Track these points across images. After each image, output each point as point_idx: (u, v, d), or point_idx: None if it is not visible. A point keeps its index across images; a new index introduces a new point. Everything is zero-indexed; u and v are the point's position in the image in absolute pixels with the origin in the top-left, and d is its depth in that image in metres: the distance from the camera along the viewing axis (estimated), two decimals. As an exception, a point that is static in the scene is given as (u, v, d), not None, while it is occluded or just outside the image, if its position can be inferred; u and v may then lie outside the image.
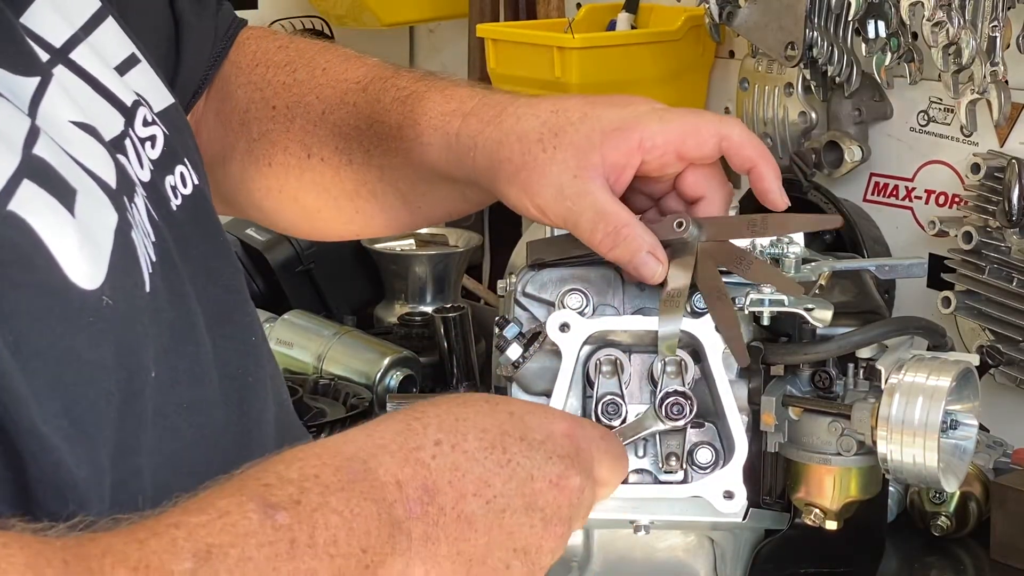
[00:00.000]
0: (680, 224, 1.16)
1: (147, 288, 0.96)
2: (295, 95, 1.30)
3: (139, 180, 1.02)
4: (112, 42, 1.09)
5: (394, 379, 2.23)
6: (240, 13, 1.34)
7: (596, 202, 1.11)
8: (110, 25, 1.09)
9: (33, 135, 0.92)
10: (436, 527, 0.92)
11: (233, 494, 0.86)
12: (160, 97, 1.13)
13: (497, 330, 1.18)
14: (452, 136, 1.17)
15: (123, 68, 1.09)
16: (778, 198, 1.16)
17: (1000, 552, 1.75)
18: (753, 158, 1.14)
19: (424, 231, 2.66)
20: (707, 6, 2.15)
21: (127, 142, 1.03)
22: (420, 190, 1.26)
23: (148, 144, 1.06)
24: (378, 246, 2.56)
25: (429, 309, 2.42)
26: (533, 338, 1.17)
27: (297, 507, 0.86)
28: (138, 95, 1.07)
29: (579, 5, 2.48)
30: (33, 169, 0.90)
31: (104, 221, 0.94)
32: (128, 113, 1.04)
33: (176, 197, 1.07)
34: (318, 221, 1.35)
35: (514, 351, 1.17)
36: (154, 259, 0.98)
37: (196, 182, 1.10)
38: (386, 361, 2.24)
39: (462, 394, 1.02)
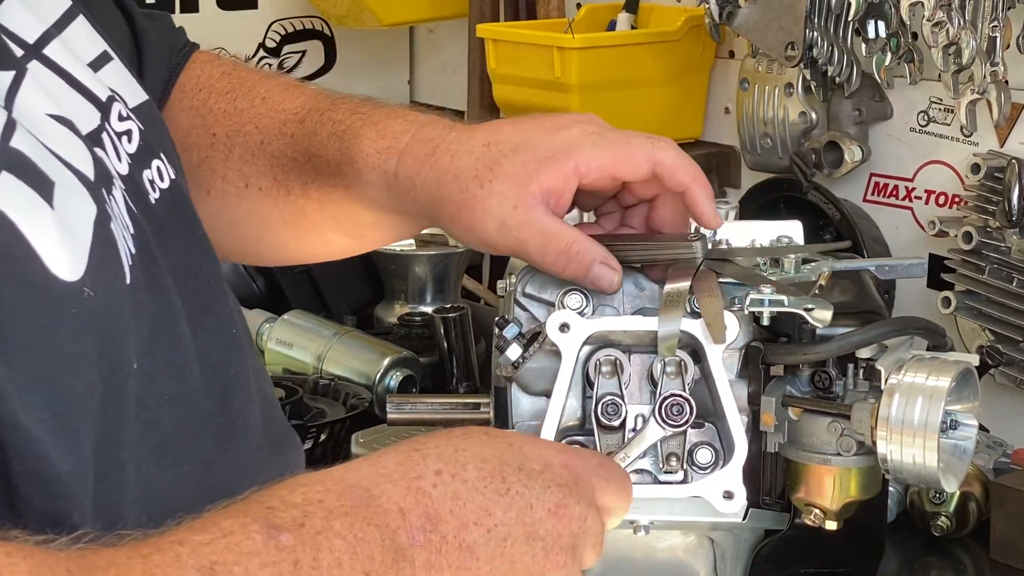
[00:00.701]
0: (694, 235, 1.18)
1: (127, 280, 0.96)
2: (235, 124, 1.30)
3: (117, 173, 1.02)
4: (84, 39, 1.10)
5: (394, 379, 2.23)
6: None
7: (541, 227, 1.12)
8: (81, 23, 1.10)
9: (10, 128, 0.92)
10: (439, 555, 0.92)
11: (237, 515, 0.86)
12: (134, 94, 1.13)
13: (497, 330, 1.18)
14: (391, 176, 1.18)
15: (96, 64, 1.09)
16: (712, 220, 1.17)
17: (1000, 552, 1.75)
18: (685, 182, 1.15)
19: (424, 231, 2.66)
20: (707, 6, 2.15)
21: (104, 136, 1.04)
22: (363, 221, 1.26)
23: (125, 138, 1.06)
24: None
25: (429, 309, 2.42)
26: (533, 338, 1.17)
27: (301, 529, 0.87)
28: (112, 91, 1.08)
29: (579, 5, 2.48)
30: (11, 161, 0.90)
31: (83, 213, 0.94)
32: (103, 107, 1.05)
33: (154, 191, 1.08)
34: (259, 249, 1.36)
35: (514, 351, 1.17)
36: (133, 251, 0.99)
37: (173, 176, 1.11)
38: (386, 361, 2.24)
39: (462, 427, 1.02)
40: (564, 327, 1.14)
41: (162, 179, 1.09)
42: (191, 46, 1.36)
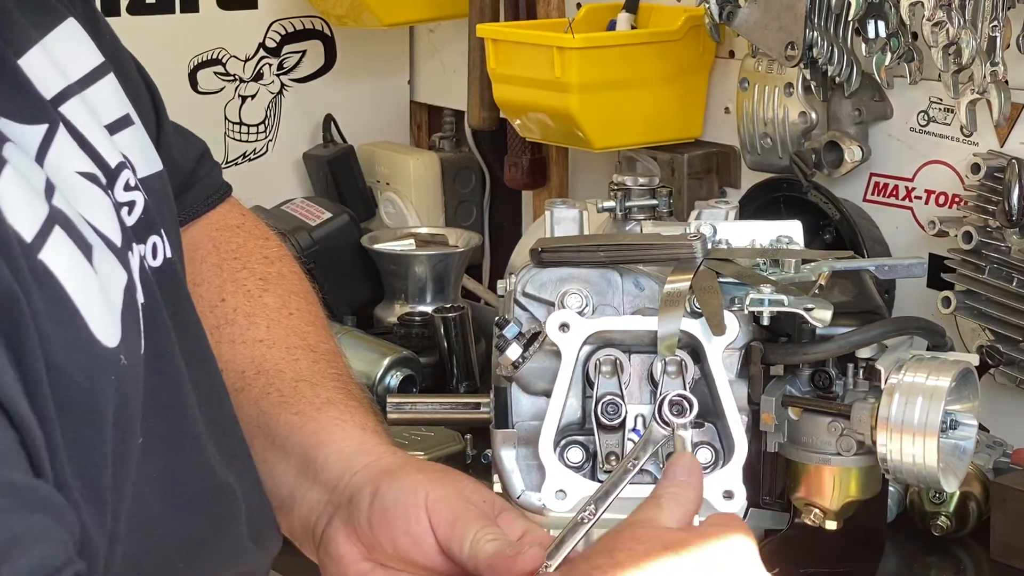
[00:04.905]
0: (694, 235, 1.18)
1: (142, 350, 0.95)
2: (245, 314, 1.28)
3: None
4: (109, 99, 1.07)
5: (394, 379, 2.23)
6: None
7: None
8: (109, 82, 1.07)
9: (50, 189, 0.90)
10: None
11: None
12: (147, 163, 1.10)
13: (497, 330, 1.18)
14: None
15: (114, 128, 1.07)
16: None
17: (1000, 552, 1.75)
18: None
19: (424, 231, 2.66)
20: (707, 6, 2.15)
21: None
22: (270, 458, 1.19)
23: (125, 209, 1.03)
24: (378, 246, 2.56)
25: (429, 309, 2.42)
26: (533, 338, 1.17)
27: None
28: (125, 157, 1.05)
29: (579, 5, 2.47)
30: (61, 219, 0.89)
31: (116, 279, 0.93)
32: (110, 175, 1.02)
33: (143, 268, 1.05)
34: None
35: (514, 351, 1.17)
36: (143, 320, 0.97)
37: (168, 255, 1.08)
38: (386, 361, 2.24)
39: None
40: (564, 327, 1.15)
41: (155, 257, 1.06)
42: (223, 191, 1.34)
